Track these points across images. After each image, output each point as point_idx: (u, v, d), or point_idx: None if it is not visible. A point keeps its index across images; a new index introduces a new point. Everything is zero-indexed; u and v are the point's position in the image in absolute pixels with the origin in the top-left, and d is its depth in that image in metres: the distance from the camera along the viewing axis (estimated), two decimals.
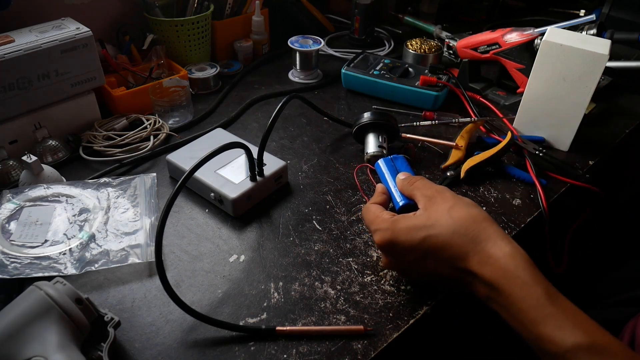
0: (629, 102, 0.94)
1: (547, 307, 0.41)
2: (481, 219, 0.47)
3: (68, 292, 0.46)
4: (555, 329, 0.40)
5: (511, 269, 0.43)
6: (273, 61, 1.08)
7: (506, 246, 0.44)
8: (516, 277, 0.42)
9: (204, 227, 0.65)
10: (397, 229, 0.49)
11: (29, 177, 0.67)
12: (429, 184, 0.53)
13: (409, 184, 0.55)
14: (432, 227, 0.47)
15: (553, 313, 0.40)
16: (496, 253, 0.44)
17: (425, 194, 0.52)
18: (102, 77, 0.80)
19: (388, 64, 0.95)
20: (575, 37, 0.74)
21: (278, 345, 0.51)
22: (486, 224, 0.46)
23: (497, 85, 0.95)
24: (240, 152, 0.64)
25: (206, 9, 0.96)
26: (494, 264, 0.44)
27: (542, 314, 0.41)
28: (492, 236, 0.45)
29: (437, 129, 0.85)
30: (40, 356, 0.42)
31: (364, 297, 0.56)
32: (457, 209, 0.48)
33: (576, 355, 0.39)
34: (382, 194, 0.57)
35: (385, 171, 0.61)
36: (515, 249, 0.44)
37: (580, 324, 0.40)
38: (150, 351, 0.50)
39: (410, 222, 0.49)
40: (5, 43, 0.69)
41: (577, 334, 0.39)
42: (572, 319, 0.40)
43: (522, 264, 0.43)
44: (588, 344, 0.38)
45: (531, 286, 0.42)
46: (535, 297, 0.41)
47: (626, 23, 1.12)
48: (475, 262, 0.45)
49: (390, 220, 0.50)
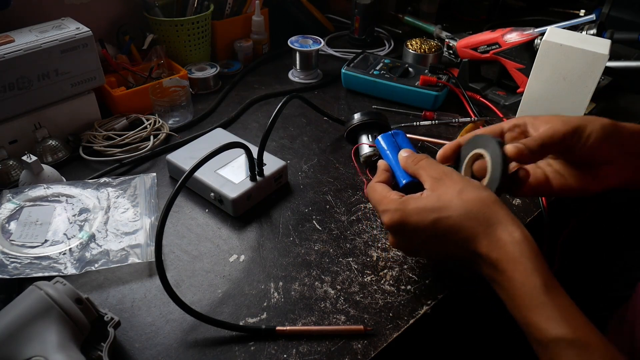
0: (629, 102, 0.94)
1: (541, 296, 0.42)
2: (492, 202, 0.47)
3: (68, 292, 0.46)
4: (544, 319, 0.41)
5: (517, 255, 0.44)
6: (273, 61, 1.08)
7: (516, 231, 0.45)
8: (520, 264, 0.43)
9: (204, 227, 0.65)
10: (408, 210, 0.49)
11: (29, 177, 0.67)
12: (434, 164, 0.52)
13: (413, 163, 0.54)
14: (443, 209, 0.47)
15: (545, 303, 0.42)
16: (505, 237, 0.45)
17: (431, 175, 0.51)
18: (102, 77, 0.80)
19: (388, 63, 0.95)
20: (575, 37, 0.74)
21: (278, 345, 0.51)
22: (497, 207, 0.47)
23: (497, 85, 0.95)
24: (240, 152, 0.64)
25: (206, 9, 0.96)
26: (502, 248, 0.45)
27: (536, 302, 0.42)
28: (503, 220, 0.46)
29: (437, 129, 0.85)
30: (40, 356, 0.42)
31: (364, 297, 0.56)
32: (467, 191, 0.48)
33: (557, 346, 0.40)
34: (385, 171, 0.57)
35: (387, 147, 0.60)
36: (524, 236, 0.45)
37: (568, 319, 0.41)
38: (150, 351, 0.50)
39: (421, 204, 0.49)
40: (5, 43, 0.69)
41: (563, 327, 0.40)
42: (562, 312, 0.41)
43: (527, 252, 0.44)
44: (571, 338, 0.40)
45: (531, 274, 0.43)
46: (533, 285, 0.42)
47: (626, 23, 1.12)
48: (485, 245, 0.45)
49: (399, 201, 0.50)
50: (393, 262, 0.60)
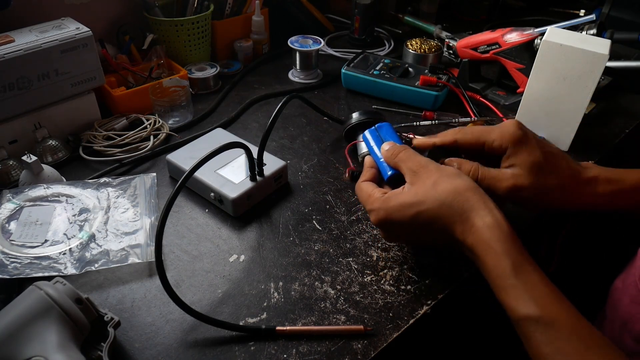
0: (629, 102, 0.94)
1: (510, 278, 0.44)
2: (464, 189, 0.49)
3: (68, 292, 0.46)
4: (512, 299, 0.44)
5: (487, 239, 0.46)
6: (273, 61, 1.08)
7: (487, 216, 0.47)
8: (490, 247, 0.46)
9: (204, 227, 0.65)
10: (389, 208, 0.51)
11: (29, 177, 0.67)
12: (412, 156, 0.54)
13: (392, 156, 0.55)
14: (420, 203, 0.50)
15: (514, 284, 0.44)
16: (478, 223, 0.47)
17: (409, 167, 0.53)
18: (102, 77, 0.80)
19: (388, 63, 0.95)
20: (575, 37, 0.74)
21: (278, 345, 0.51)
22: (469, 193, 0.49)
23: (497, 85, 0.95)
24: (240, 152, 0.64)
25: (206, 9, 0.96)
26: (475, 233, 0.47)
27: (505, 284, 0.45)
28: (475, 206, 0.48)
29: (437, 129, 0.85)
30: (40, 356, 0.42)
31: (364, 297, 0.56)
32: (441, 182, 0.50)
33: (526, 324, 0.43)
34: (370, 167, 0.59)
35: (372, 142, 0.61)
36: (495, 220, 0.47)
37: (536, 298, 0.43)
38: (150, 351, 0.50)
39: (401, 200, 0.51)
40: (5, 43, 0.69)
41: (530, 306, 0.43)
42: (530, 292, 0.43)
43: (497, 235, 0.46)
44: (537, 316, 0.42)
45: (500, 257, 0.45)
46: (502, 267, 0.45)
47: (626, 23, 1.12)
48: (460, 231, 0.48)
49: (382, 200, 0.52)
50: (393, 262, 0.60)
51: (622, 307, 0.55)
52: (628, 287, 0.55)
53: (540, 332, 0.42)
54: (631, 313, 0.54)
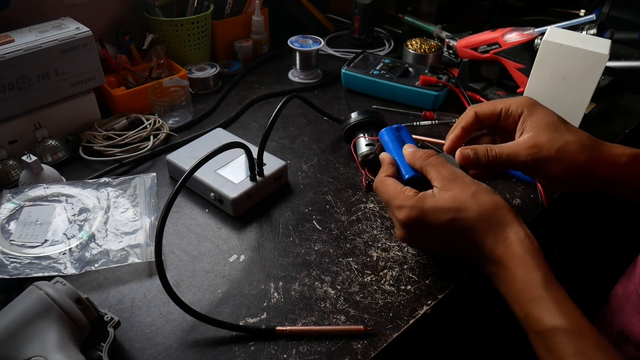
0: (629, 102, 0.94)
1: (540, 290, 0.45)
2: (502, 206, 0.50)
3: (68, 292, 0.46)
4: (541, 310, 0.45)
5: (520, 251, 0.47)
6: (273, 61, 1.08)
7: (521, 231, 0.49)
8: (522, 259, 0.47)
9: (204, 227, 0.65)
10: (425, 209, 0.51)
11: (28, 177, 0.67)
12: (444, 163, 0.54)
13: (421, 159, 0.55)
14: (459, 210, 0.50)
15: (543, 296, 0.45)
16: (511, 236, 0.48)
17: (442, 174, 0.53)
18: (102, 77, 0.80)
19: (388, 63, 0.95)
20: (575, 36, 0.74)
21: (278, 345, 0.51)
22: (506, 210, 0.50)
23: (497, 85, 0.95)
24: (240, 152, 0.64)
25: (206, 9, 0.96)
26: (508, 246, 0.48)
27: (534, 295, 0.45)
28: (511, 222, 0.49)
29: (437, 129, 0.85)
30: (40, 356, 0.42)
31: (364, 297, 0.56)
32: (480, 194, 0.51)
33: (554, 334, 0.43)
34: (390, 164, 0.58)
35: (390, 141, 0.61)
36: (527, 235, 0.49)
37: (564, 310, 0.44)
38: (150, 351, 0.50)
39: (438, 203, 0.51)
40: (5, 43, 0.69)
41: (558, 317, 0.44)
42: (558, 305, 0.44)
43: (530, 249, 0.47)
44: (566, 327, 0.43)
45: (532, 270, 0.46)
46: (533, 279, 0.46)
47: (626, 23, 1.12)
48: (491, 243, 0.49)
49: (416, 199, 0.52)
50: (393, 262, 0.60)
51: (623, 314, 0.56)
52: (629, 295, 0.55)
53: (567, 341, 0.43)
54: (632, 321, 0.54)
